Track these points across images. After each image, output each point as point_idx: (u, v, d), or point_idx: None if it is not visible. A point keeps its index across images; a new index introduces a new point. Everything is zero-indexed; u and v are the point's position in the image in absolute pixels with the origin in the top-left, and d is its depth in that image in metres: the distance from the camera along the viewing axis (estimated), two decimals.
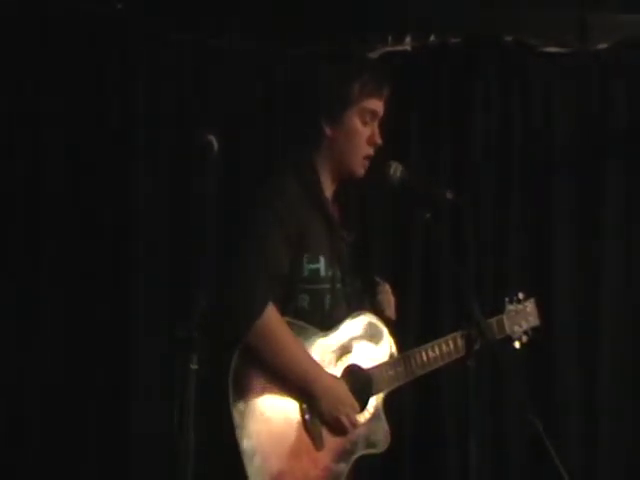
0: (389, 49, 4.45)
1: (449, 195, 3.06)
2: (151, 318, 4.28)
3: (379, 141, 3.14)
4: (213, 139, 2.64)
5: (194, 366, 2.52)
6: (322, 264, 3.04)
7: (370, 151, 3.13)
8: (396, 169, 3.12)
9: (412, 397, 4.18)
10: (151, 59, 4.41)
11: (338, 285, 3.10)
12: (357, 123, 3.11)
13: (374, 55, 4.31)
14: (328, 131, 3.10)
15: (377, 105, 3.14)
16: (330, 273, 3.07)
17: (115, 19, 4.36)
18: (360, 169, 3.13)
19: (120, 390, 4.27)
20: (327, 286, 3.06)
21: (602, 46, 4.48)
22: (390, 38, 4.46)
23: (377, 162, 3.15)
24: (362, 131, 3.12)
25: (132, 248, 4.34)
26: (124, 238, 4.34)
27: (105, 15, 4.34)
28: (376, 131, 3.14)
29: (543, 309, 3.49)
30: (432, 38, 4.50)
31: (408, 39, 4.48)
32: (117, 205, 4.36)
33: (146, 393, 4.25)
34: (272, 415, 2.91)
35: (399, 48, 4.48)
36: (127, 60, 4.40)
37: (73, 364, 4.25)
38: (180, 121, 4.40)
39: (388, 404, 3.13)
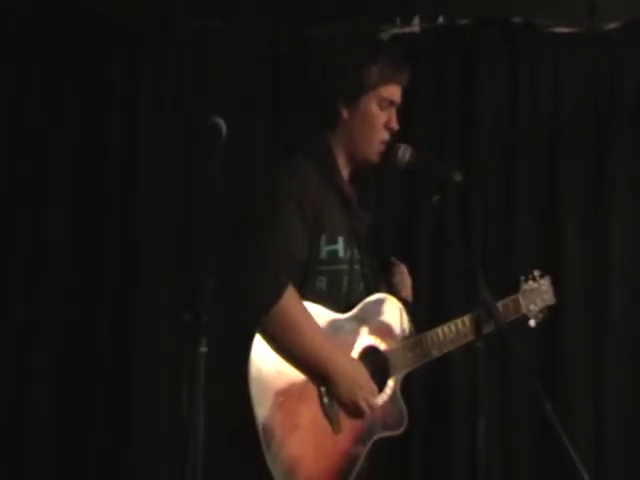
0: (397, 31, 4.44)
1: (458, 177, 3.06)
2: (159, 302, 4.30)
3: (396, 127, 3.13)
4: (221, 122, 2.65)
5: (203, 349, 2.53)
6: (340, 245, 3.04)
7: (386, 136, 3.12)
8: (405, 151, 3.13)
9: (421, 379, 4.18)
10: (159, 42, 4.42)
11: (356, 266, 3.09)
12: (374, 107, 3.09)
13: (383, 37, 4.30)
14: (345, 114, 3.09)
15: (395, 92, 3.12)
16: (348, 254, 3.06)
17: (129, 3, 4.37)
18: (375, 154, 3.12)
19: (126, 374, 4.30)
20: (345, 267, 3.06)
21: (612, 26, 4.45)
22: (398, 20, 4.46)
23: (387, 145, 3.15)
24: (379, 115, 3.10)
25: (139, 231, 4.36)
26: (131, 221, 4.35)
27: None
28: (393, 117, 3.13)
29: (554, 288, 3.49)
30: (441, 20, 4.49)
31: (417, 21, 4.47)
32: (124, 188, 4.36)
33: (153, 378, 4.26)
34: (290, 399, 2.91)
35: (407, 30, 4.47)
36: (134, 42, 4.40)
37: (77, 350, 4.27)
38: (189, 104, 4.41)
39: (403, 385, 3.13)
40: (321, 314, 3.00)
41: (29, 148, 4.32)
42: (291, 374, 2.93)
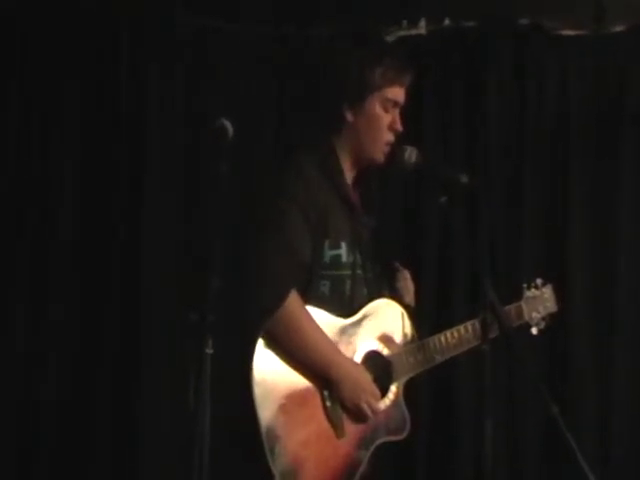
0: (404, 33, 4.43)
1: (464, 179, 3.06)
2: (164, 302, 4.29)
3: (400, 128, 3.13)
4: (228, 124, 2.65)
5: (209, 350, 2.52)
6: (343, 250, 3.04)
7: (391, 137, 3.12)
8: (411, 153, 3.13)
9: (427, 382, 4.17)
10: (164, 42, 4.41)
11: (359, 271, 3.09)
12: (378, 109, 3.09)
13: (389, 39, 4.29)
14: (349, 116, 3.08)
15: (399, 93, 3.12)
16: (351, 259, 3.06)
17: (129, 3, 4.36)
18: (380, 155, 3.12)
19: (132, 374, 4.29)
20: (348, 272, 3.05)
21: (618, 28, 4.44)
22: (405, 22, 4.44)
23: (392, 146, 3.14)
24: (383, 117, 3.10)
25: (144, 231, 4.35)
26: (135, 222, 4.35)
27: None
28: (397, 118, 3.13)
29: (558, 294, 3.49)
30: (447, 22, 4.47)
31: (423, 23, 4.46)
32: (127, 190, 4.36)
33: (158, 377, 4.26)
34: (293, 402, 2.91)
35: (414, 32, 4.46)
36: (139, 43, 4.40)
37: (83, 351, 4.27)
38: (193, 105, 4.40)
39: (406, 389, 3.13)
40: (324, 318, 2.99)
41: (30, 149, 4.31)
42: (294, 378, 2.93)
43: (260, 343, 2.88)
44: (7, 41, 4.28)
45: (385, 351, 3.09)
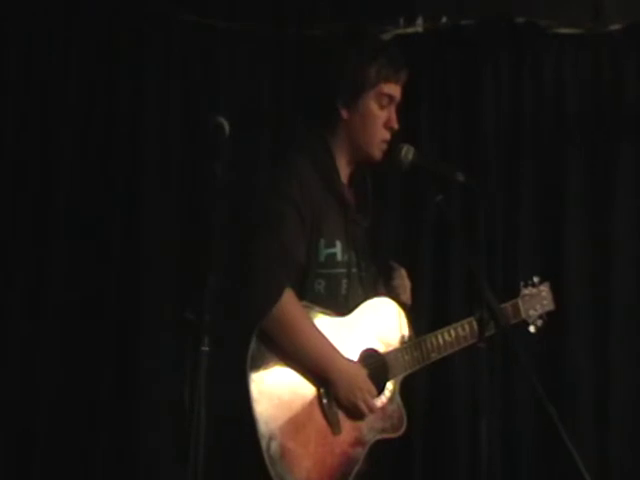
0: (400, 31, 4.43)
1: (460, 177, 3.06)
2: (161, 301, 4.30)
3: (396, 125, 3.13)
4: (224, 122, 2.65)
5: (205, 348, 2.53)
6: (338, 248, 3.04)
7: (387, 135, 3.12)
8: (407, 151, 3.13)
9: (423, 379, 4.17)
10: (162, 41, 4.42)
11: (354, 270, 3.10)
12: (374, 107, 3.10)
13: (386, 37, 4.30)
14: (344, 114, 3.09)
15: (394, 89, 3.13)
16: (346, 257, 3.06)
17: (129, 2, 4.37)
18: (377, 152, 3.12)
19: (131, 374, 4.31)
20: (343, 271, 3.06)
21: (615, 27, 4.44)
22: (401, 20, 4.45)
23: (389, 144, 3.15)
24: (379, 115, 3.11)
25: (142, 231, 4.36)
26: (133, 220, 4.36)
27: None
28: (393, 115, 3.14)
29: (556, 292, 3.49)
30: (444, 20, 4.48)
31: (419, 21, 4.46)
32: (126, 188, 4.37)
33: (154, 377, 4.26)
34: (290, 400, 2.91)
35: (410, 30, 4.46)
36: (138, 41, 4.41)
37: (79, 349, 4.28)
38: (191, 104, 4.41)
39: (402, 387, 3.13)
40: (320, 316, 3.00)
41: (29, 148, 4.33)
42: (290, 375, 2.94)
43: (256, 340, 2.88)
44: (7, 41, 4.29)
45: (381, 349, 3.10)
